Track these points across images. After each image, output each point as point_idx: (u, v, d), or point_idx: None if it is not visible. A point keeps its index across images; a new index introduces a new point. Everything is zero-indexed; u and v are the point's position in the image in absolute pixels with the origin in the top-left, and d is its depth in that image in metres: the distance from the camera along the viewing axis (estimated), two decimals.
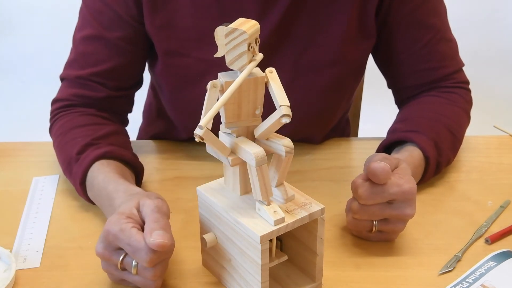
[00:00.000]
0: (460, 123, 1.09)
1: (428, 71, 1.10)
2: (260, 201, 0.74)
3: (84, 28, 1.06)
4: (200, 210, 0.83)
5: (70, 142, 1.00)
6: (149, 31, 1.03)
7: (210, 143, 0.71)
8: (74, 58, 1.07)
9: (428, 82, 1.11)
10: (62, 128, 1.04)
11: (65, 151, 1.00)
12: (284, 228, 0.74)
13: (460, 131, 1.08)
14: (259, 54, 0.71)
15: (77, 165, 0.97)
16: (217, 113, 0.70)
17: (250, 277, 0.76)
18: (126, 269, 0.79)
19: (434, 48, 1.09)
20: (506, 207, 0.98)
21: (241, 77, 0.70)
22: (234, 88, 0.69)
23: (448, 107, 1.09)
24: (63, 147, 1.01)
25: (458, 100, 1.11)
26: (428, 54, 1.09)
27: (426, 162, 1.00)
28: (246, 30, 0.68)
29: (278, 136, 0.75)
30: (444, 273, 0.85)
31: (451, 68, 1.12)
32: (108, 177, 0.92)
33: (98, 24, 1.04)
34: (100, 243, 0.79)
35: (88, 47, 1.05)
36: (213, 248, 0.82)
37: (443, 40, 1.10)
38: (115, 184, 0.90)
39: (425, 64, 1.10)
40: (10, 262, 0.84)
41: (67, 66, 1.08)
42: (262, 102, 0.74)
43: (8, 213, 0.98)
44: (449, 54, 1.12)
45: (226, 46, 0.70)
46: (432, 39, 1.08)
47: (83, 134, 1.01)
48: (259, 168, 0.72)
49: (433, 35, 1.08)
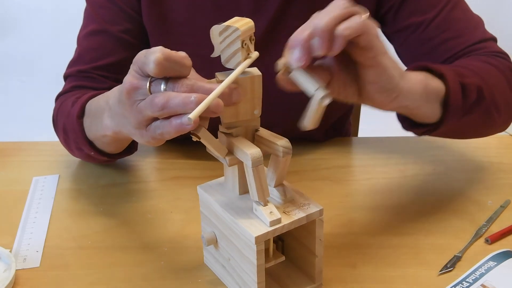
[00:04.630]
0: (487, 72, 0.90)
1: (442, 44, 0.97)
2: (257, 202, 0.74)
3: (87, 26, 1.07)
4: (201, 208, 0.83)
5: (64, 109, 0.99)
6: (145, 25, 1.04)
7: (207, 142, 0.71)
8: (78, 56, 1.07)
9: (449, 57, 0.96)
10: (58, 105, 1.03)
11: (61, 115, 1.00)
12: (280, 229, 0.73)
13: (490, 79, 0.89)
14: (254, 52, 0.71)
15: (72, 111, 0.94)
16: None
17: (247, 277, 0.76)
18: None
19: (449, 16, 0.96)
20: (506, 207, 0.98)
21: (235, 73, 0.69)
22: (227, 83, 0.68)
23: (469, 60, 0.92)
24: (61, 114, 1.00)
25: (496, 64, 0.93)
26: (443, 25, 0.96)
27: (444, 84, 0.84)
28: (239, 27, 0.68)
29: (276, 136, 0.75)
30: (444, 273, 0.85)
31: (473, 38, 0.96)
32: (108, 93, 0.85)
33: (101, 18, 1.04)
34: (128, 76, 0.71)
35: (91, 42, 1.06)
36: (213, 247, 0.82)
37: (458, 8, 0.98)
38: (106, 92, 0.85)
39: (439, 37, 0.97)
40: (10, 262, 0.84)
41: (70, 65, 1.09)
42: (260, 102, 0.74)
43: (8, 213, 0.98)
44: (469, 23, 0.98)
45: (220, 44, 0.70)
46: (446, 7, 0.96)
47: (75, 95, 1.00)
48: (256, 169, 0.72)
49: (447, 2, 0.97)
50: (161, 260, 0.87)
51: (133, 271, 0.86)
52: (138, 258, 0.88)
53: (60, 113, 1.02)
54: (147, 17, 1.03)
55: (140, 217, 0.96)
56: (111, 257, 0.88)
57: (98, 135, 0.90)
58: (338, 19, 0.70)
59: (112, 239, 0.92)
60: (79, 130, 0.94)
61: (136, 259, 0.88)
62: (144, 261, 0.87)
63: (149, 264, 0.87)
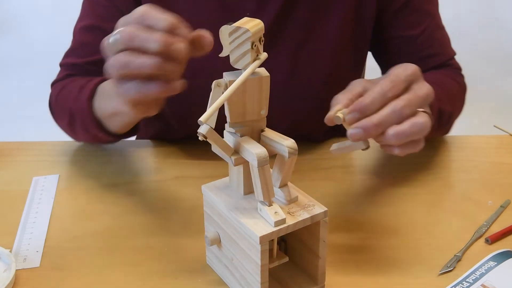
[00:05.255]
0: (456, 93, 1.09)
1: (427, 58, 1.10)
2: (262, 202, 0.74)
3: (83, 19, 1.10)
4: (205, 208, 0.83)
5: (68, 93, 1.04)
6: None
7: (213, 142, 0.71)
8: (73, 47, 1.12)
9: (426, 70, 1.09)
10: (58, 91, 1.08)
11: (65, 99, 1.04)
12: (285, 229, 0.73)
13: (456, 101, 1.07)
14: (263, 54, 0.71)
15: (81, 94, 0.99)
16: (219, 111, 0.69)
17: (250, 277, 0.76)
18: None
19: (432, 35, 1.10)
20: (506, 207, 0.98)
21: (244, 75, 0.69)
22: (237, 85, 0.69)
23: (446, 78, 1.09)
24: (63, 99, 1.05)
25: (456, 78, 1.12)
26: (427, 41, 1.10)
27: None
28: (250, 29, 0.68)
29: (282, 136, 0.75)
30: (444, 273, 0.85)
31: (447, 55, 1.14)
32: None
33: (97, 15, 1.07)
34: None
35: (86, 37, 1.09)
36: (216, 246, 0.82)
37: (438, 28, 1.12)
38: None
39: (425, 51, 1.10)
40: (10, 262, 0.84)
41: (66, 55, 1.13)
42: (267, 102, 0.74)
43: (8, 213, 0.98)
44: (445, 42, 1.14)
45: (230, 45, 0.70)
46: (429, 26, 1.09)
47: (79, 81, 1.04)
48: (261, 169, 0.72)
49: (430, 22, 1.10)
50: (161, 260, 0.87)
51: (133, 271, 0.86)
52: (138, 258, 0.88)
53: (62, 98, 1.06)
54: None
55: (140, 217, 0.96)
56: (111, 257, 0.88)
57: (107, 113, 0.96)
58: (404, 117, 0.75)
59: (112, 239, 0.92)
60: (88, 112, 0.98)
61: (136, 259, 0.88)
62: (144, 261, 0.87)
63: (149, 264, 0.87)
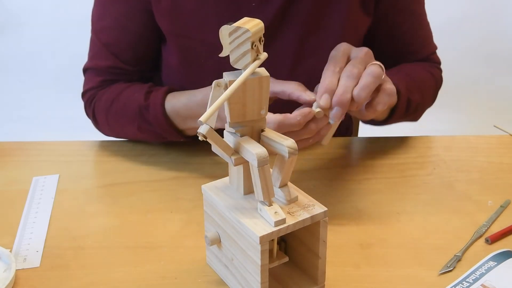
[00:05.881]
0: (428, 85, 1.16)
1: (408, 54, 1.17)
2: (262, 202, 0.74)
3: (104, 18, 1.10)
4: (205, 208, 0.83)
5: (127, 101, 1.06)
6: (155, 15, 1.07)
7: (213, 141, 0.71)
8: (98, 49, 1.12)
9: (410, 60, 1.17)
10: (109, 100, 1.09)
11: (128, 109, 1.06)
12: (285, 229, 0.73)
13: (427, 92, 1.14)
14: (263, 53, 0.71)
15: (152, 105, 1.03)
16: (219, 110, 0.69)
17: (250, 277, 0.76)
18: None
19: (415, 33, 1.16)
20: (506, 207, 0.98)
21: (244, 75, 0.70)
22: (237, 85, 0.69)
23: (421, 70, 1.16)
24: (123, 109, 1.07)
25: (432, 71, 1.18)
26: (410, 38, 1.16)
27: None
28: (250, 29, 0.68)
29: (282, 136, 0.75)
30: (444, 273, 0.85)
31: (428, 50, 1.20)
32: (188, 94, 1.00)
33: (118, 14, 1.08)
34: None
35: (110, 37, 1.10)
36: (216, 246, 0.82)
37: (422, 26, 1.18)
38: (197, 91, 0.98)
39: (406, 47, 1.16)
40: (10, 262, 0.84)
41: (91, 58, 1.13)
42: (267, 102, 0.74)
43: (8, 213, 0.98)
44: (427, 38, 1.20)
45: (230, 45, 0.70)
46: (413, 25, 1.15)
47: (136, 89, 1.07)
48: (261, 169, 0.72)
49: (414, 21, 1.15)
50: (161, 260, 0.87)
51: (133, 271, 0.86)
52: (138, 258, 0.88)
53: (115, 108, 1.08)
54: (156, 6, 1.05)
55: (140, 217, 0.96)
56: (111, 257, 0.88)
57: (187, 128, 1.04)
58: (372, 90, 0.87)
59: (112, 239, 0.92)
60: (167, 124, 1.03)
61: (136, 259, 0.88)
62: (144, 261, 0.87)
63: (149, 264, 0.87)
